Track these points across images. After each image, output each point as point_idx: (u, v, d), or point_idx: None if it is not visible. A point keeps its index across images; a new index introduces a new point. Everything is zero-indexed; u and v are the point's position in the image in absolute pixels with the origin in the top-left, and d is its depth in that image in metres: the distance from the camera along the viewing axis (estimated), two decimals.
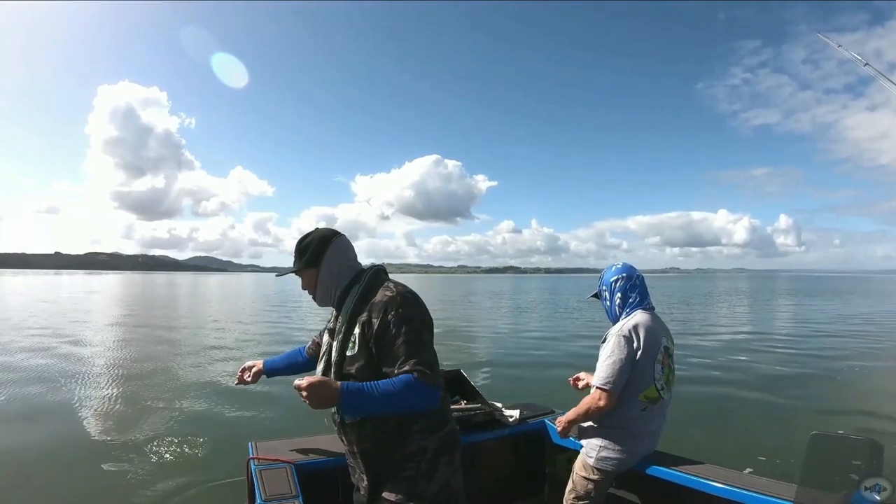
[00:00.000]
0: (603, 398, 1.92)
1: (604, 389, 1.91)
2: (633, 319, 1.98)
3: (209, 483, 3.63)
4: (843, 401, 6.18)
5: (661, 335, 2.00)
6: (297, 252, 1.64)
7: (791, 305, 25.38)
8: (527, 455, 2.56)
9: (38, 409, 5.76)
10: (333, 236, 1.63)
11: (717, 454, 4.17)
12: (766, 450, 4.36)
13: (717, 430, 4.94)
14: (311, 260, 1.59)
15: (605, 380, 1.91)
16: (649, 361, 1.93)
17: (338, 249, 1.61)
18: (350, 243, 1.66)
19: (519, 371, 7.89)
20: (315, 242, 1.61)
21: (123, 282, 67.19)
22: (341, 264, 1.60)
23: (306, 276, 1.62)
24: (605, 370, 1.93)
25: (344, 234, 1.65)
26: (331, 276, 1.59)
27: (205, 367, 8.37)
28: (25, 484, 3.75)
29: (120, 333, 12.81)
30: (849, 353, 9.81)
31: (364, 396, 1.36)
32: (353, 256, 1.65)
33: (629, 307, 2.04)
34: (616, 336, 1.95)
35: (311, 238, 1.63)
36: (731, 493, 1.79)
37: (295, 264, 1.63)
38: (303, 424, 2.24)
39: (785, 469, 3.42)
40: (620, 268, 2.11)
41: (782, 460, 4.02)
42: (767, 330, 14.53)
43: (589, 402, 1.98)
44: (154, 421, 5.29)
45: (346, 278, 1.59)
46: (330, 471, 2.01)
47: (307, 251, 1.60)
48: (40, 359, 8.83)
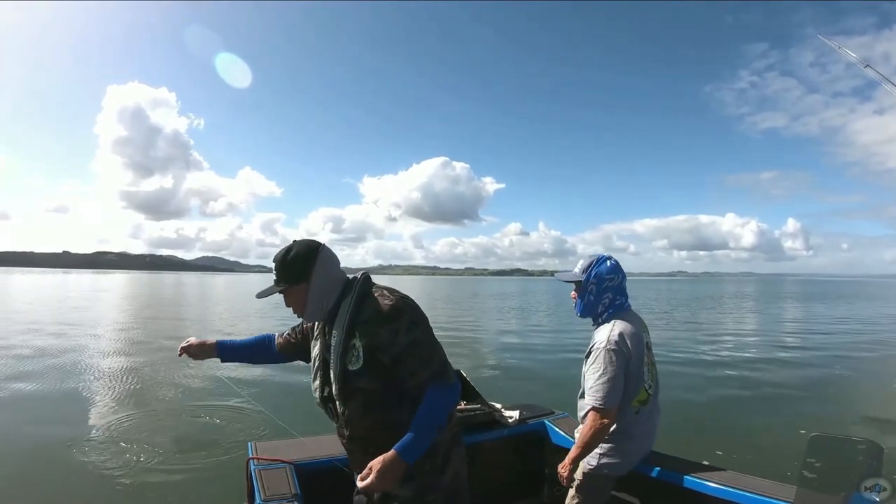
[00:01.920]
0: (604, 418, 1.80)
1: (602, 409, 1.80)
2: (616, 328, 1.89)
3: (209, 483, 3.65)
4: (842, 402, 6.17)
5: (643, 335, 1.95)
6: (280, 268, 1.48)
7: (794, 309, 25.25)
8: (526, 456, 2.56)
9: (37, 408, 5.82)
10: (319, 247, 1.52)
11: (717, 455, 4.18)
12: (765, 451, 4.37)
13: (717, 432, 4.94)
14: (299, 275, 1.47)
15: (602, 400, 1.80)
16: (639, 369, 1.89)
17: (326, 261, 1.51)
18: (334, 253, 1.56)
19: (519, 371, 7.90)
20: (300, 257, 1.48)
21: (131, 281, 67.67)
22: (332, 276, 1.51)
23: (293, 294, 1.50)
24: (599, 390, 1.81)
25: (326, 245, 1.54)
26: (322, 289, 1.48)
27: (206, 366, 8.38)
28: (22, 483, 3.78)
29: (123, 332, 12.90)
30: (849, 356, 9.79)
31: (418, 443, 1.36)
32: (339, 267, 1.56)
33: (613, 309, 1.96)
34: (605, 351, 1.84)
35: (295, 251, 1.49)
36: (731, 494, 1.78)
37: (279, 282, 1.49)
38: (303, 425, 2.25)
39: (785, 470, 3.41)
40: (615, 266, 1.99)
41: (782, 461, 4.01)
42: (768, 332, 14.52)
43: (591, 426, 1.82)
44: (154, 420, 5.33)
45: (337, 290, 1.50)
46: (330, 471, 2.01)
47: (292, 268, 1.48)
48: (43, 356, 8.94)
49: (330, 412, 1.55)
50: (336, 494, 1.99)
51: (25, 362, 8.48)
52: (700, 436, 4.73)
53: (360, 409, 1.45)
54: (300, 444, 2.16)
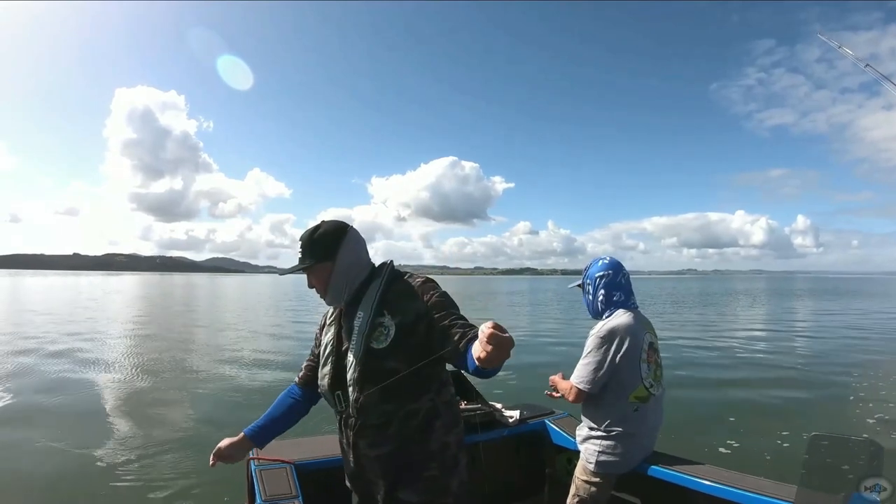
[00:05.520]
0: (572, 394, 1.98)
1: (576, 386, 1.96)
2: (612, 320, 1.95)
3: (209, 483, 3.66)
4: (842, 401, 6.10)
5: (644, 333, 1.97)
6: (307, 245, 1.44)
7: (801, 307, 24.97)
8: (527, 455, 2.55)
9: (36, 406, 5.90)
10: (347, 227, 1.48)
11: (717, 455, 4.18)
12: (766, 450, 4.34)
13: (717, 431, 4.90)
14: (325, 253, 1.43)
15: (579, 378, 1.95)
16: (633, 362, 1.90)
17: (354, 241, 1.47)
18: (361, 236, 1.51)
19: (519, 371, 7.86)
20: (329, 234, 1.45)
21: (141, 283, 68.40)
22: (357, 258, 1.46)
23: (318, 272, 1.45)
24: (579, 369, 1.97)
25: (354, 227, 1.50)
26: (348, 270, 1.44)
27: (207, 366, 8.49)
28: (23, 481, 3.82)
29: (130, 333, 13.04)
30: (852, 354, 9.69)
31: None
32: (366, 250, 1.52)
33: (613, 306, 2.01)
34: (593, 337, 1.95)
35: (323, 230, 1.45)
36: (731, 493, 1.77)
37: (304, 260, 1.44)
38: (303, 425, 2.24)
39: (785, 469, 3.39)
40: (608, 263, 2.05)
41: (782, 461, 4.00)
42: (772, 331, 14.41)
43: (565, 388, 2.04)
44: (154, 420, 5.38)
45: (364, 273, 1.46)
46: (330, 471, 2.02)
47: (320, 244, 1.43)
48: (46, 356, 9.08)
49: (337, 400, 1.46)
50: (336, 494, 2.00)
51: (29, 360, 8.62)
52: (701, 435, 4.71)
53: (378, 394, 1.36)
54: (300, 443, 2.16)
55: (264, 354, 9.88)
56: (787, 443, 4.48)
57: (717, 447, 4.43)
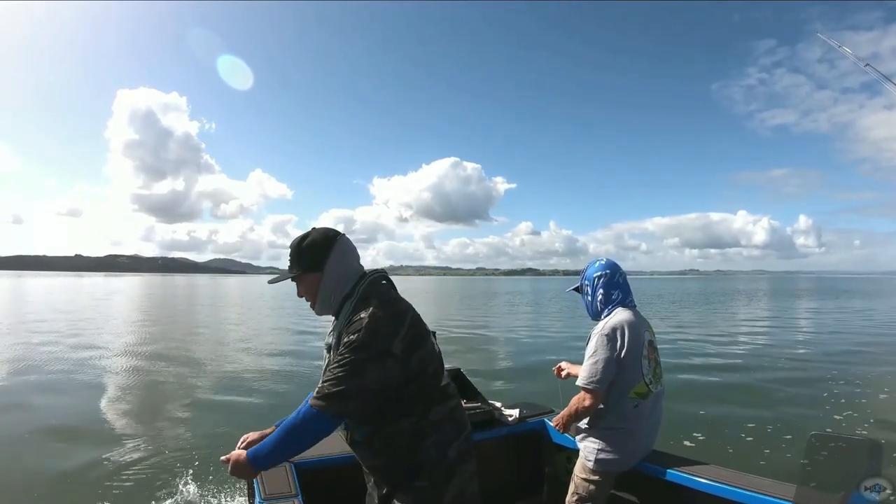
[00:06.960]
0: (588, 398, 1.92)
1: (587, 389, 1.91)
2: (614, 318, 1.96)
3: (210, 482, 3.67)
4: (843, 401, 6.08)
5: (644, 330, 1.99)
6: (294, 254, 1.44)
7: (802, 307, 24.96)
8: (526, 454, 2.55)
9: (37, 406, 5.93)
10: (336, 236, 1.46)
11: (717, 454, 4.14)
12: (765, 449, 4.34)
13: (717, 430, 4.91)
14: (313, 264, 1.42)
15: (589, 379, 1.91)
16: (635, 358, 1.92)
17: (341, 251, 1.44)
18: (352, 244, 1.48)
19: (519, 371, 7.84)
20: (318, 243, 1.43)
21: (143, 284, 68.54)
22: (346, 268, 1.44)
23: (306, 282, 1.45)
24: (587, 370, 1.92)
25: (345, 234, 1.48)
26: (335, 281, 1.42)
27: (207, 366, 8.50)
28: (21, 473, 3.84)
29: (129, 333, 13.06)
30: (850, 354, 9.68)
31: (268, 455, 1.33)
32: (357, 258, 1.49)
33: (611, 304, 2.03)
34: (598, 335, 1.94)
35: (311, 239, 1.44)
36: (731, 492, 1.77)
37: (292, 268, 1.44)
38: None
39: (785, 469, 3.39)
40: (604, 264, 2.09)
41: (782, 460, 4.00)
42: (771, 330, 14.41)
43: (575, 402, 1.98)
44: (154, 420, 5.38)
45: (349, 284, 1.43)
46: (330, 470, 2.02)
47: (308, 254, 1.43)
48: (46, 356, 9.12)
49: None
50: (336, 493, 2.00)
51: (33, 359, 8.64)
52: (699, 434, 4.71)
53: (358, 414, 1.36)
54: None
55: (264, 354, 9.91)
56: (787, 442, 4.47)
57: (718, 446, 4.43)
